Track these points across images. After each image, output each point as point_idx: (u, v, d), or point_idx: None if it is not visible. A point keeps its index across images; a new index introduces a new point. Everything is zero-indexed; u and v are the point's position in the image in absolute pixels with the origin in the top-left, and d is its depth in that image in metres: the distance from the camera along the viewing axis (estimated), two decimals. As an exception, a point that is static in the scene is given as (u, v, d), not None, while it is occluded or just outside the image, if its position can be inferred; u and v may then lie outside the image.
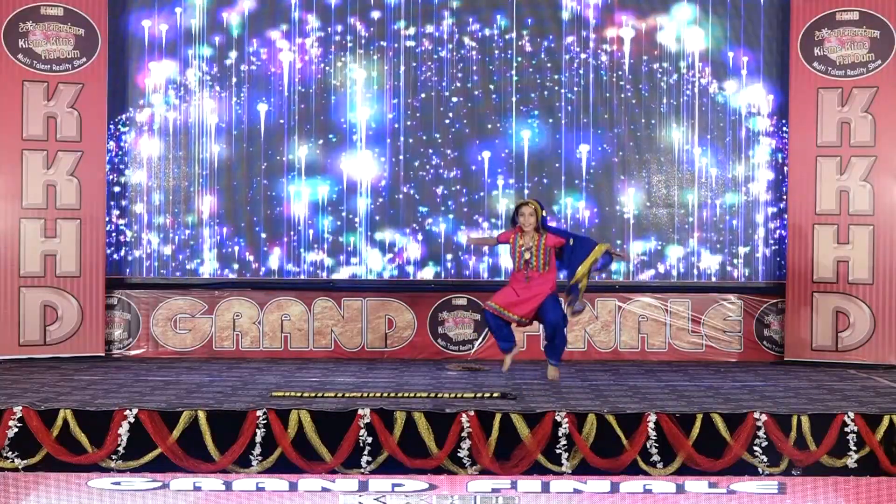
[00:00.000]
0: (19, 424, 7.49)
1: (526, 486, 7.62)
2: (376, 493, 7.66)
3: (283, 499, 7.66)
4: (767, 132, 11.16)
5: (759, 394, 8.69)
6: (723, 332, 11.08)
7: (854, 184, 10.58)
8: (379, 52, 11.21)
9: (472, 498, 7.67)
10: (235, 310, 11.10)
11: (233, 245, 11.20)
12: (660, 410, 7.60)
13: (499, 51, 11.20)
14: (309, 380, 9.38)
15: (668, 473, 7.49)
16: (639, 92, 11.18)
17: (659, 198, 11.22)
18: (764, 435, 7.47)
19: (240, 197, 11.20)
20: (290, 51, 11.20)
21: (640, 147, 11.20)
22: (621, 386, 9.11)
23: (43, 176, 10.62)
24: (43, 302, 10.62)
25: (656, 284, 11.19)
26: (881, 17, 10.55)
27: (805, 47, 10.71)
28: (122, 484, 7.61)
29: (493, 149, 11.21)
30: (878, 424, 7.53)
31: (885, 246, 10.51)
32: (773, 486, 7.63)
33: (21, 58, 10.58)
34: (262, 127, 11.21)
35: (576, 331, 10.95)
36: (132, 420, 7.48)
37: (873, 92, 10.54)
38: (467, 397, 8.25)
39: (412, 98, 11.22)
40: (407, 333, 11.12)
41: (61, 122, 10.64)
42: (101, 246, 10.81)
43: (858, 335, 10.55)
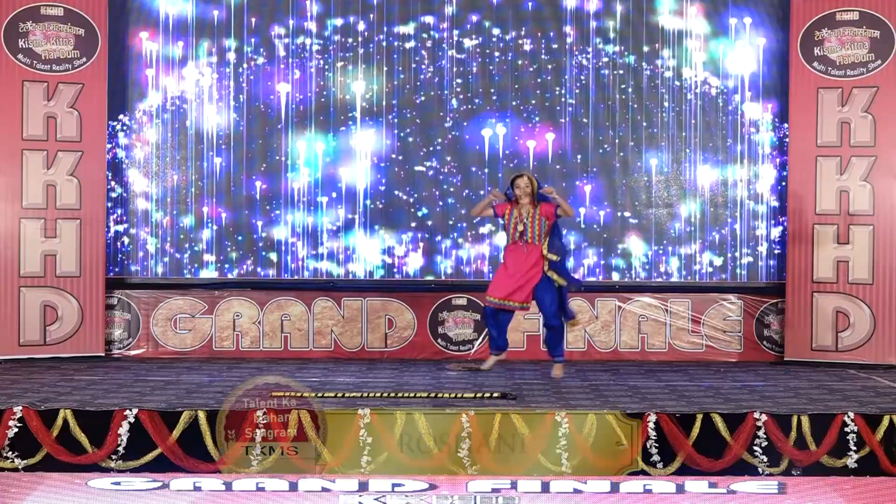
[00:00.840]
0: (19, 424, 7.48)
1: (526, 486, 7.61)
2: (376, 493, 7.66)
3: (283, 499, 7.65)
4: (767, 132, 11.15)
5: (759, 394, 8.69)
6: (723, 332, 11.08)
7: (854, 184, 10.58)
8: (380, 53, 11.20)
9: (472, 498, 7.66)
10: (235, 310, 11.10)
11: (233, 245, 11.20)
12: (660, 410, 7.60)
13: (499, 52, 11.19)
14: (309, 380, 9.38)
15: (668, 473, 7.49)
16: (639, 92, 11.17)
17: (659, 198, 11.21)
18: (764, 435, 7.47)
19: (240, 197, 11.20)
20: (291, 51, 11.20)
21: (639, 147, 11.19)
22: (621, 386, 9.11)
23: (43, 176, 10.61)
24: (43, 302, 10.61)
25: (656, 284, 11.18)
26: (881, 17, 10.54)
27: (805, 47, 10.70)
28: (122, 484, 7.61)
29: (492, 148, 11.21)
30: (878, 424, 7.52)
31: (885, 246, 10.51)
32: (773, 486, 7.62)
33: (21, 58, 10.58)
34: (262, 127, 11.21)
35: (576, 331, 10.95)
36: (132, 420, 7.47)
37: (873, 92, 10.53)
38: (467, 397, 8.25)
39: (412, 99, 11.22)
40: (407, 333, 11.12)
41: (61, 122, 10.64)
42: (101, 246, 10.81)
43: (858, 335, 10.55)
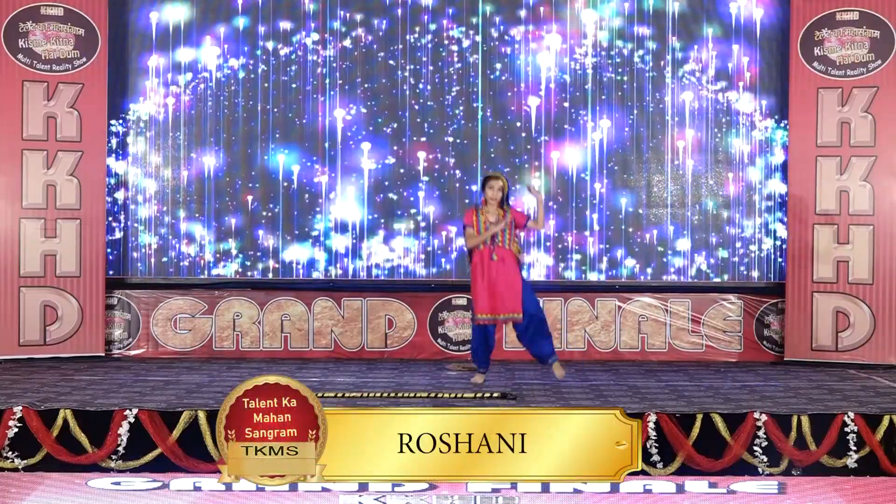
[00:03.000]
0: (19, 424, 7.48)
1: (526, 487, 7.61)
2: (376, 493, 7.65)
3: (283, 499, 7.65)
4: (768, 132, 11.15)
5: (759, 394, 8.69)
6: (723, 332, 11.08)
7: (854, 184, 10.58)
8: (381, 53, 11.21)
9: (472, 498, 7.66)
10: (235, 310, 11.10)
11: (233, 245, 11.20)
12: (660, 410, 7.60)
13: (497, 53, 11.20)
14: (309, 380, 9.37)
15: (668, 473, 7.49)
16: (639, 92, 11.17)
17: (659, 197, 11.21)
18: (764, 435, 7.46)
19: (240, 197, 11.20)
20: (291, 51, 11.20)
21: (639, 147, 11.19)
22: (621, 386, 9.10)
23: (43, 176, 10.61)
24: (43, 302, 10.61)
25: (656, 284, 11.18)
26: (881, 17, 10.54)
27: (805, 47, 10.70)
28: (122, 484, 7.61)
29: (491, 148, 11.22)
30: (878, 424, 7.52)
31: (885, 246, 10.51)
32: (773, 486, 7.62)
33: (21, 58, 10.58)
34: (262, 127, 11.21)
35: (576, 331, 10.95)
36: (132, 420, 7.47)
37: (873, 92, 10.53)
38: (467, 397, 8.25)
39: (412, 99, 11.22)
40: (407, 333, 11.12)
41: (61, 122, 10.64)
42: (101, 246, 10.81)
43: (858, 335, 10.55)
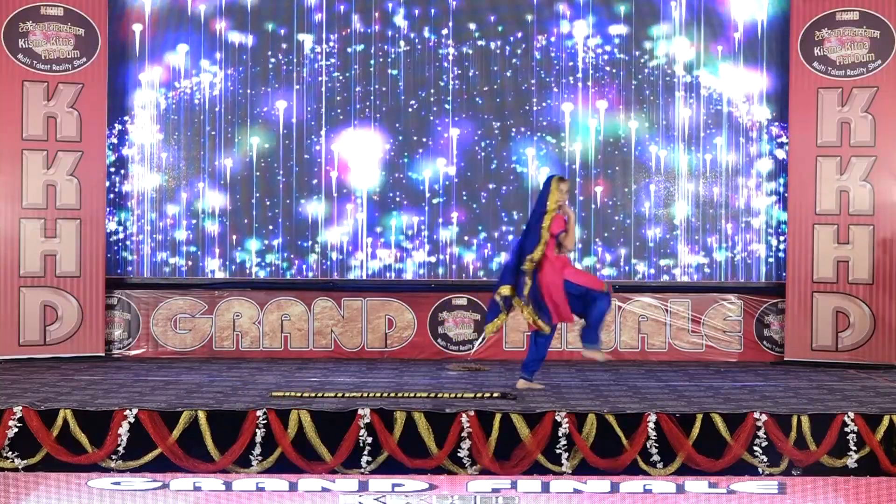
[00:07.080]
0: (19, 424, 7.49)
1: (526, 486, 7.61)
2: (376, 493, 7.66)
3: (283, 499, 7.65)
4: (767, 132, 11.15)
5: (759, 394, 8.69)
6: (723, 332, 11.08)
7: (854, 184, 10.58)
8: (382, 53, 11.20)
9: (472, 498, 7.67)
10: (235, 310, 11.10)
11: (233, 245, 11.19)
12: (660, 410, 7.60)
13: (497, 55, 11.20)
14: (309, 380, 9.38)
15: (668, 473, 7.49)
16: (639, 91, 11.17)
17: (659, 198, 11.21)
18: (764, 435, 7.47)
19: (240, 196, 11.19)
20: (290, 53, 11.20)
21: (639, 147, 11.19)
22: (621, 386, 9.10)
23: (43, 176, 10.61)
24: (43, 302, 10.61)
25: (656, 284, 11.18)
26: (881, 17, 10.54)
27: (805, 47, 10.70)
28: (122, 484, 7.61)
29: (491, 147, 11.22)
30: (878, 424, 7.53)
31: (885, 246, 10.51)
32: (773, 486, 7.62)
33: (21, 58, 10.58)
34: (262, 127, 11.21)
35: (576, 331, 10.92)
36: (132, 420, 7.48)
37: (873, 92, 10.53)
38: (467, 397, 8.26)
39: (412, 100, 11.23)
40: (407, 333, 11.11)
41: (61, 122, 10.64)
42: (101, 246, 10.80)
43: (858, 335, 10.55)
